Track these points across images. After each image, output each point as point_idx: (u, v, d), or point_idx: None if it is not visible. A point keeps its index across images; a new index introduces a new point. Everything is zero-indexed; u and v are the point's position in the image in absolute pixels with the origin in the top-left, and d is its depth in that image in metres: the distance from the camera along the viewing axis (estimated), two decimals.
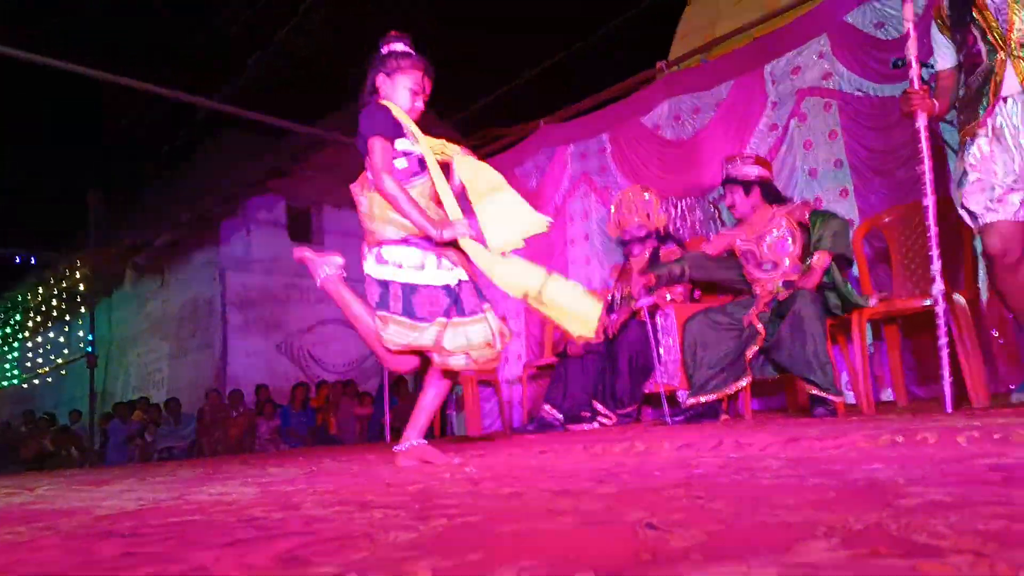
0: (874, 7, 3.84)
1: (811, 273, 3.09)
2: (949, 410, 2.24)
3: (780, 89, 4.29)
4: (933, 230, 2.40)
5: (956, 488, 0.82)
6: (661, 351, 3.60)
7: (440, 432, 5.61)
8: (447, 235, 2.10)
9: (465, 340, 2.11)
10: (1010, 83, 2.14)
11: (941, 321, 2.38)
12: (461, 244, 2.14)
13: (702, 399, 3.28)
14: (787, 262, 3.34)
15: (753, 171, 3.46)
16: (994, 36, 2.14)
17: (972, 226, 2.31)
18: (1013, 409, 2.18)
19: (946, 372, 2.28)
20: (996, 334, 3.27)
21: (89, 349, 11.32)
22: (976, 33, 2.19)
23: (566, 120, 5.69)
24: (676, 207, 4.58)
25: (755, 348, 3.18)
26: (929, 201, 2.41)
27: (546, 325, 4.98)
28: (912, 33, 2.48)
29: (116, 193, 12.81)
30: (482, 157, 6.67)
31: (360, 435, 7.65)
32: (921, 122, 2.39)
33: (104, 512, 1.30)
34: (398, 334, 2.12)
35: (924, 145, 2.42)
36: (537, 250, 4.75)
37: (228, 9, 8.09)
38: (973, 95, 2.22)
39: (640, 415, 4.00)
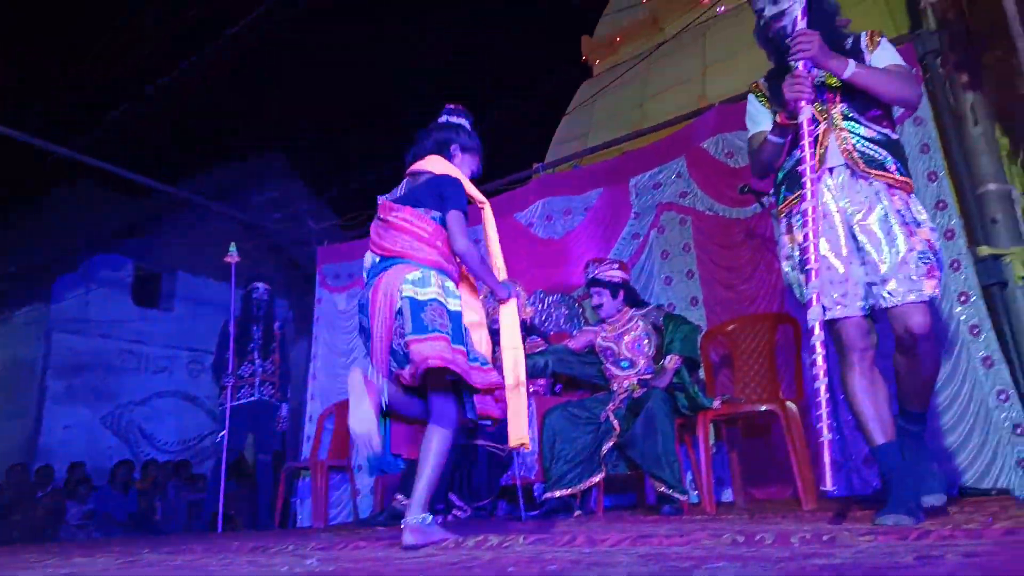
0: (725, 138, 4.29)
1: (663, 373, 3.26)
2: (828, 487, 1.91)
3: (642, 201, 4.63)
4: (812, 226, 2.04)
5: None
6: None
7: (281, 523, 5.20)
8: (513, 294, 2.50)
9: (493, 379, 2.25)
10: (833, 154, 2.13)
11: (820, 355, 1.98)
12: (505, 306, 2.48)
13: (557, 493, 3.29)
14: (642, 361, 3.50)
15: (618, 274, 3.66)
16: (815, 108, 2.15)
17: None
18: (838, 511, 2.35)
19: (825, 440, 1.95)
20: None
21: None
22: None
23: None
24: (542, 302, 4.72)
25: (610, 444, 3.26)
26: (809, 205, 2.06)
27: None
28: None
29: None
30: (355, 238, 6.48)
31: (188, 523, 6.93)
32: (804, 115, 2.10)
33: None
34: (445, 350, 2.14)
35: (807, 140, 2.08)
36: None
37: (97, 57, 7.69)
38: (796, 165, 2.17)
39: (495, 509, 3.93)
